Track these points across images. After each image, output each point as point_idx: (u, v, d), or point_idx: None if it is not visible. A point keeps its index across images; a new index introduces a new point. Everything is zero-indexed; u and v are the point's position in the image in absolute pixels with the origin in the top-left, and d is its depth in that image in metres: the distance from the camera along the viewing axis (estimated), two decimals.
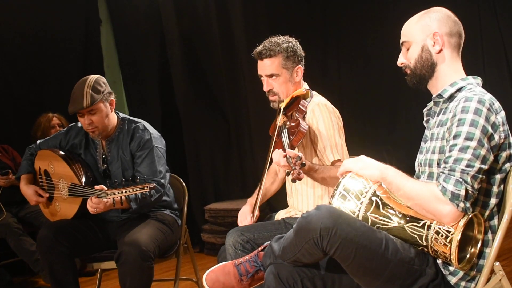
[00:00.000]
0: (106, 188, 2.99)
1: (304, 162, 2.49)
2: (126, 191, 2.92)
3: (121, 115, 3.48)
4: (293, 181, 2.46)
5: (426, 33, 2.24)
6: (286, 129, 2.76)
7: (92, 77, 3.29)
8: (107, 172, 3.42)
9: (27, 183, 3.49)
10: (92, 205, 3.06)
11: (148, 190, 2.93)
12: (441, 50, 2.23)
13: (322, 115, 2.89)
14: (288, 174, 2.49)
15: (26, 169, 3.53)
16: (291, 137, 2.69)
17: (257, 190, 3.07)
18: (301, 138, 2.70)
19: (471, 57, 2.24)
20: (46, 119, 5.00)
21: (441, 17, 2.24)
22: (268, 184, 3.28)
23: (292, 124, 2.75)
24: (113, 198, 2.97)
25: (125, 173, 3.38)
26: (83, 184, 3.25)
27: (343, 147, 2.90)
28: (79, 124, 3.46)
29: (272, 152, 2.73)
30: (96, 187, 3.03)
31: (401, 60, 2.33)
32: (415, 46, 2.26)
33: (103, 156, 3.42)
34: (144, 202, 3.04)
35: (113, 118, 3.39)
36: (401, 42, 2.32)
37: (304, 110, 2.79)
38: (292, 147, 2.66)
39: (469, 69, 2.29)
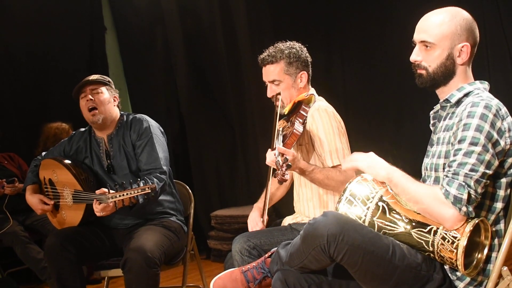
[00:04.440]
0: (107, 191, 2.99)
1: (290, 163, 2.48)
2: (127, 193, 2.93)
3: (122, 112, 3.55)
4: (279, 182, 2.46)
5: (455, 42, 2.17)
6: (282, 132, 2.76)
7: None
8: (110, 167, 3.44)
9: (32, 193, 3.52)
10: (97, 212, 3.08)
11: (150, 191, 2.93)
12: (464, 62, 2.20)
13: (321, 120, 2.87)
14: (274, 175, 2.49)
15: (31, 179, 3.56)
16: (285, 140, 2.69)
17: (263, 194, 3.06)
18: (294, 141, 2.69)
19: (477, 62, 2.23)
20: (66, 130, 4.97)
21: (470, 26, 2.19)
22: (274, 189, 3.28)
23: (289, 128, 2.75)
24: (115, 201, 2.98)
25: (130, 164, 3.40)
26: (85, 190, 3.26)
27: (344, 151, 2.86)
28: (82, 129, 3.55)
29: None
30: (98, 191, 3.04)
31: (417, 58, 2.24)
32: (439, 51, 2.18)
33: (106, 152, 3.45)
34: (148, 200, 3.05)
35: (115, 111, 3.47)
36: (420, 39, 2.21)
37: (305, 115, 2.77)
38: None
39: (475, 74, 2.28)
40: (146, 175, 3.25)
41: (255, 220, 3.05)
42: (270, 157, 2.65)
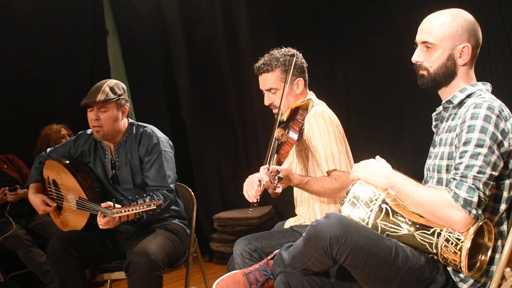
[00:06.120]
0: (112, 205, 2.98)
1: (281, 175, 2.45)
2: (132, 209, 2.91)
3: (130, 120, 3.49)
4: (272, 195, 2.44)
5: (456, 43, 2.18)
6: (279, 142, 2.75)
7: (114, 80, 3.39)
8: (115, 178, 3.42)
9: (35, 192, 3.50)
10: (101, 225, 3.08)
11: (155, 207, 2.91)
12: (465, 63, 2.21)
13: (317, 125, 2.85)
14: (267, 188, 2.47)
15: (35, 178, 3.53)
16: (280, 150, 2.68)
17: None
18: (289, 150, 2.68)
19: (479, 63, 2.25)
20: (55, 131, 5.00)
21: (471, 27, 2.19)
22: None
23: (285, 136, 2.74)
24: (119, 216, 2.96)
25: (135, 178, 3.38)
26: (90, 200, 3.24)
27: (340, 155, 2.82)
28: (88, 131, 3.47)
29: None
30: (103, 204, 3.03)
31: (418, 59, 2.25)
32: (440, 52, 2.20)
33: (112, 162, 3.43)
34: (152, 216, 3.04)
35: (122, 125, 3.40)
36: (422, 40, 2.23)
37: (301, 121, 2.75)
38: (279, 159, 2.64)
39: (477, 74, 2.28)
40: (153, 191, 3.24)
41: (252, 182, 2.67)
42: (261, 174, 2.60)
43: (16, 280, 4.89)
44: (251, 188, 2.68)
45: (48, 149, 3.62)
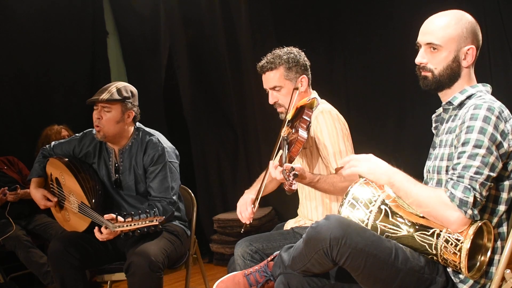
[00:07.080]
0: (115, 218, 2.97)
1: (296, 172, 2.46)
2: (134, 224, 2.91)
3: (137, 124, 3.47)
4: (288, 192, 2.44)
5: (461, 45, 2.18)
6: (287, 140, 2.75)
7: (125, 83, 3.37)
8: (118, 182, 3.42)
9: (36, 186, 3.49)
10: (102, 237, 3.07)
11: (157, 223, 2.91)
12: (468, 65, 2.21)
13: (325, 122, 2.87)
14: (282, 185, 2.47)
15: (38, 172, 3.52)
16: (290, 148, 2.68)
17: (257, 183, 3.01)
18: (300, 148, 2.66)
19: (478, 62, 2.25)
20: (55, 132, 4.99)
21: (474, 29, 2.19)
22: (267, 181, 3.23)
23: (293, 135, 2.74)
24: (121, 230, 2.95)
25: (138, 186, 3.38)
26: (92, 208, 3.23)
27: (347, 153, 2.85)
28: (94, 131, 3.44)
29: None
30: (106, 216, 3.01)
31: (422, 60, 2.24)
32: (446, 53, 2.19)
33: (116, 165, 3.43)
34: (154, 230, 3.03)
35: (127, 129, 3.39)
36: (426, 41, 2.21)
37: (308, 120, 2.74)
38: (291, 157, 2.64)
39: (477, 74, 2.28)
40: (155, 202, 3.25)
41: (246, 204, 2.85)
42: (275, 172, 2.59)
43: (16, 281, 4.88)
44: (245, 210, 2.82)
45: (53, 143, 3.59)
